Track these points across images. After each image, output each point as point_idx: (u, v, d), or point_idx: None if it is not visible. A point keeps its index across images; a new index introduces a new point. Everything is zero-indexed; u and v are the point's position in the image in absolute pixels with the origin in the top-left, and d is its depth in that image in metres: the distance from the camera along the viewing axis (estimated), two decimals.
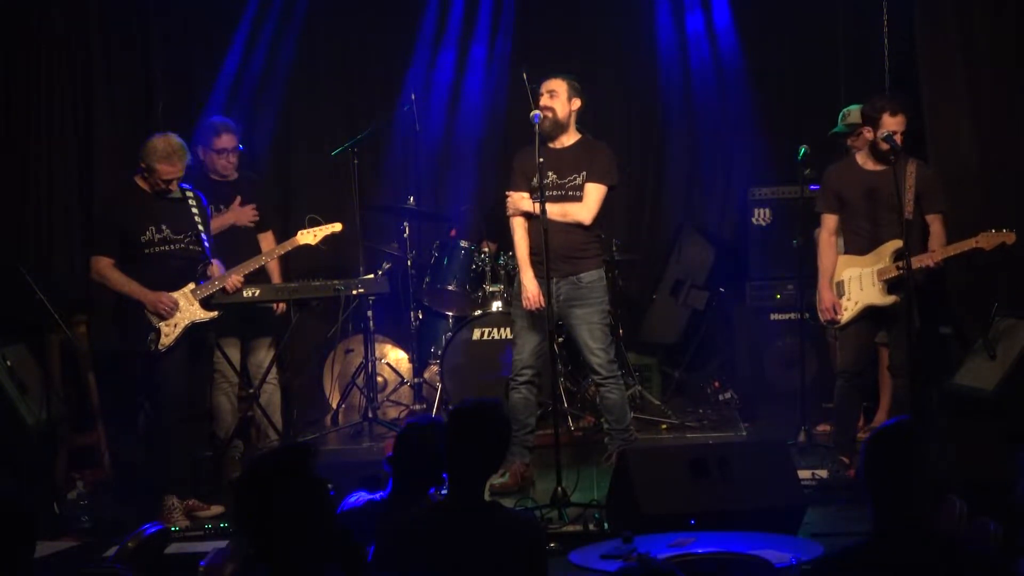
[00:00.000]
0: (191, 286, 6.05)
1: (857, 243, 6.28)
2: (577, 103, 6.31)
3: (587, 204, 6.24)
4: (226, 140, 6.70)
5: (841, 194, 6.31)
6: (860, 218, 6.26)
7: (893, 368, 6.35)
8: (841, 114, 7.04)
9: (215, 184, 6.71)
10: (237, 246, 6.60)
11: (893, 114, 6.07)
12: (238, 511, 3.18)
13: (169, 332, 5.96)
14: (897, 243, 6.01)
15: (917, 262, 5.95)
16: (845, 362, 6.32)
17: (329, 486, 3.10)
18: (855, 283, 6.23)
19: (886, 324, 6.32)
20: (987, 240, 6.00)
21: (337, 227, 6.66)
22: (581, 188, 6.25)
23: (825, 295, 6.31)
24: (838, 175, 6.36)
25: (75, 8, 7.55)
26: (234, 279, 6.14)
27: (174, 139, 5.99)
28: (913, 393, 5.90)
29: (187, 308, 6.02)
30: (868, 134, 6.19)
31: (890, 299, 6.12)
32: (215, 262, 6.17)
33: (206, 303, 6.07)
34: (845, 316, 6.24)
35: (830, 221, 6.37)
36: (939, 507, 3.06)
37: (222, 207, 6.73)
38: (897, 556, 3.01)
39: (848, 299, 6.24)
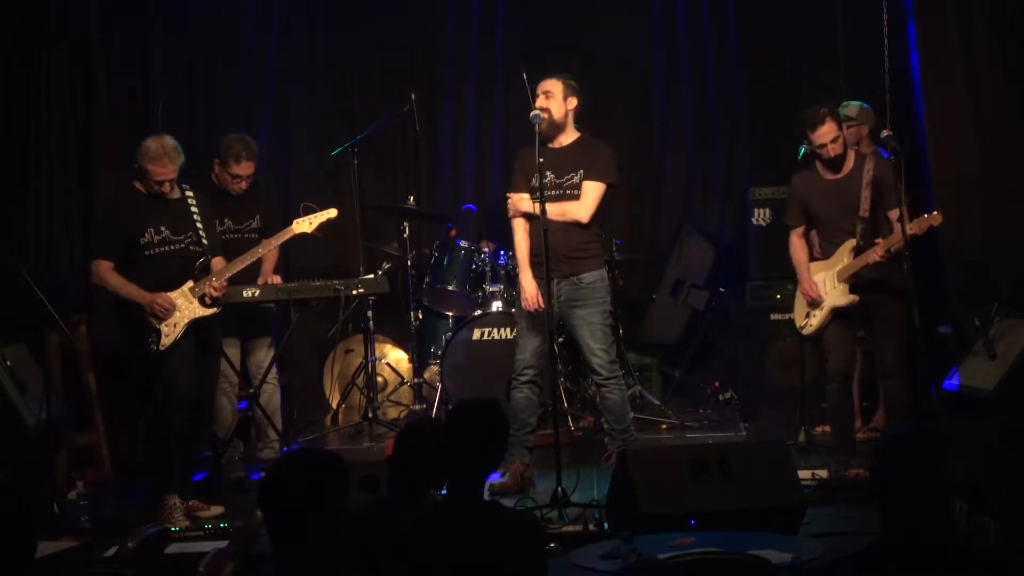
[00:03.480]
0: (189, 284, 6.03)
1: (827, 250, 6.27)
2: (574, 102, 6.30)
3: (584, 202, 6.22)
4: (245, 167, 6.60)
5: (808, 205, 6.27)
6: (829, 226, 6.23)
7: (881, 370, 6.34)
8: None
9: (221, 191, 6.68)
10: (241, 251, 6.57)
11: (813, 129, 6.03)
12: (273, 486, 3.18)
13: (169, 332, 5.95)
14: (853, 241, 6.04)
15: (863, 259, 5.97)
16: (835, 366, 6.28)
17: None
18: (821, 287, 6.21)
19: (866, 326, 6.32)
20: (918, 226, 5.85)
21: (332, 213, 6.63)
22: (579, 187, 6.24)
23: (804, 283, 6.25)
24: (805, 185, 6.30)
25: (75, 8, 7.55)
26: (217, 284, 6.08)
27: (167, 140, 5.96)
28: (912, 393, 5.90)
29: (186, 306, 6.01)
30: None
31: (851, 299, 6.11)
32: (217, 259, 6.16)
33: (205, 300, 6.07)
34: (815, 321, 6.23)
35: (798, 229, 6.35)
36: (949, 513, 3.03)
37: (227, 220, 6.68)
38: (902, 562, 3.00)
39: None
